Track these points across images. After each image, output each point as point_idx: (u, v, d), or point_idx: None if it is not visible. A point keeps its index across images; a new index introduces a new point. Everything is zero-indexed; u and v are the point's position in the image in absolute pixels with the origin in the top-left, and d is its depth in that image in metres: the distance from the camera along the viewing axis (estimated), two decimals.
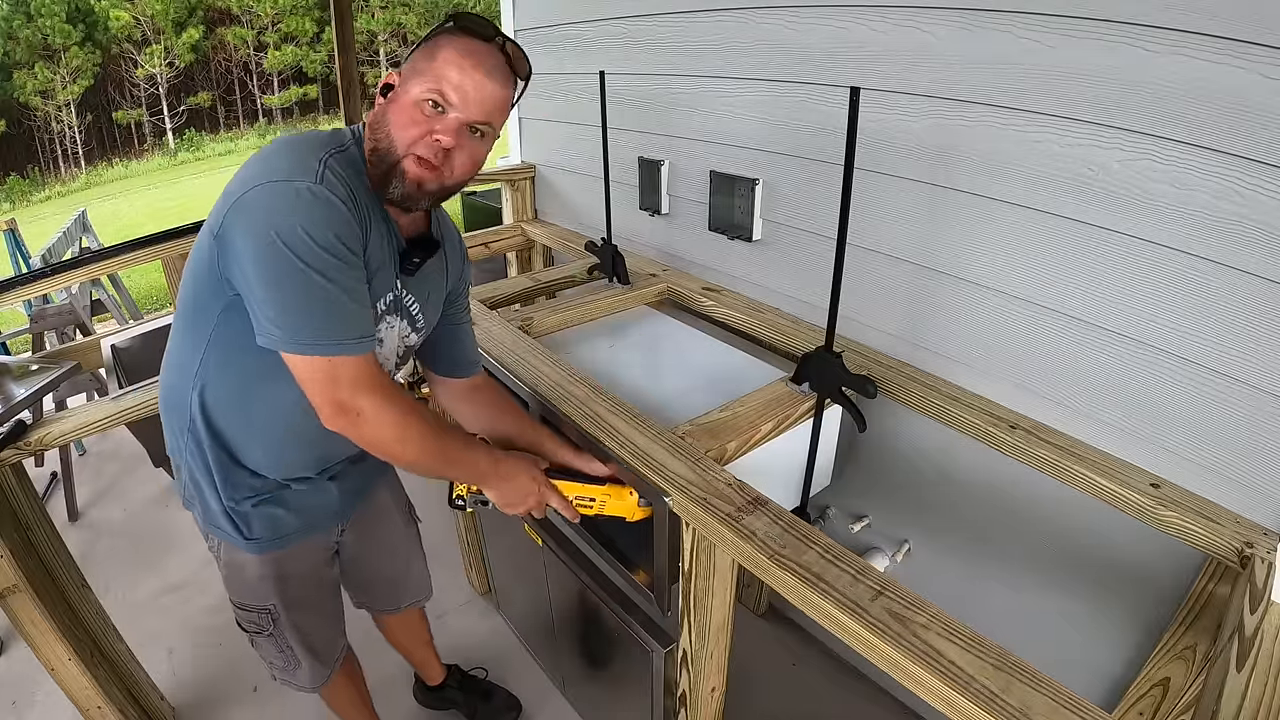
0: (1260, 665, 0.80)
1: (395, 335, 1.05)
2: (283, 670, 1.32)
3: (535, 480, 1.10)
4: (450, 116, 0.88)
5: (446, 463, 0.99)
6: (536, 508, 1.10)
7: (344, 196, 0.84)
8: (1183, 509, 1.04)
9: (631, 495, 1.14)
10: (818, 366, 1.28)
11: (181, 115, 25.71)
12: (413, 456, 0.93)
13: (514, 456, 1.09)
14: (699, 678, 1.22)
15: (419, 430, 0.92)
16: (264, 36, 26.11)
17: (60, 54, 22.57)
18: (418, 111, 0.88)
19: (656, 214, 1.98)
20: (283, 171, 0.82)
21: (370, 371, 0.88)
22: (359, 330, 0.86)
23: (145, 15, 23.76)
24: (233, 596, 1.22)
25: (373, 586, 1.48)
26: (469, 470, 1.04)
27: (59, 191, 19.91)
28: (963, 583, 1.45)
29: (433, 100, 0.87)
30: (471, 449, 1.04)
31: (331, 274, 0.82)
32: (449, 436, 0.99)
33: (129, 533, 2.58)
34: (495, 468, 1.05)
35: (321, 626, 1.32)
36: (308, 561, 1.22)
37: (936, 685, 0.76)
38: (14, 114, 22.39)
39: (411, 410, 0.91)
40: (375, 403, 0.88)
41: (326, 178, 0.83)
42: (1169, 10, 0.93)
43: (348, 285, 0.84)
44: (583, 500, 1.14)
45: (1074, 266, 1.14)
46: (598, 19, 1.98)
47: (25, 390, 1.42)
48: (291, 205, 0.80)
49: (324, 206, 0.82)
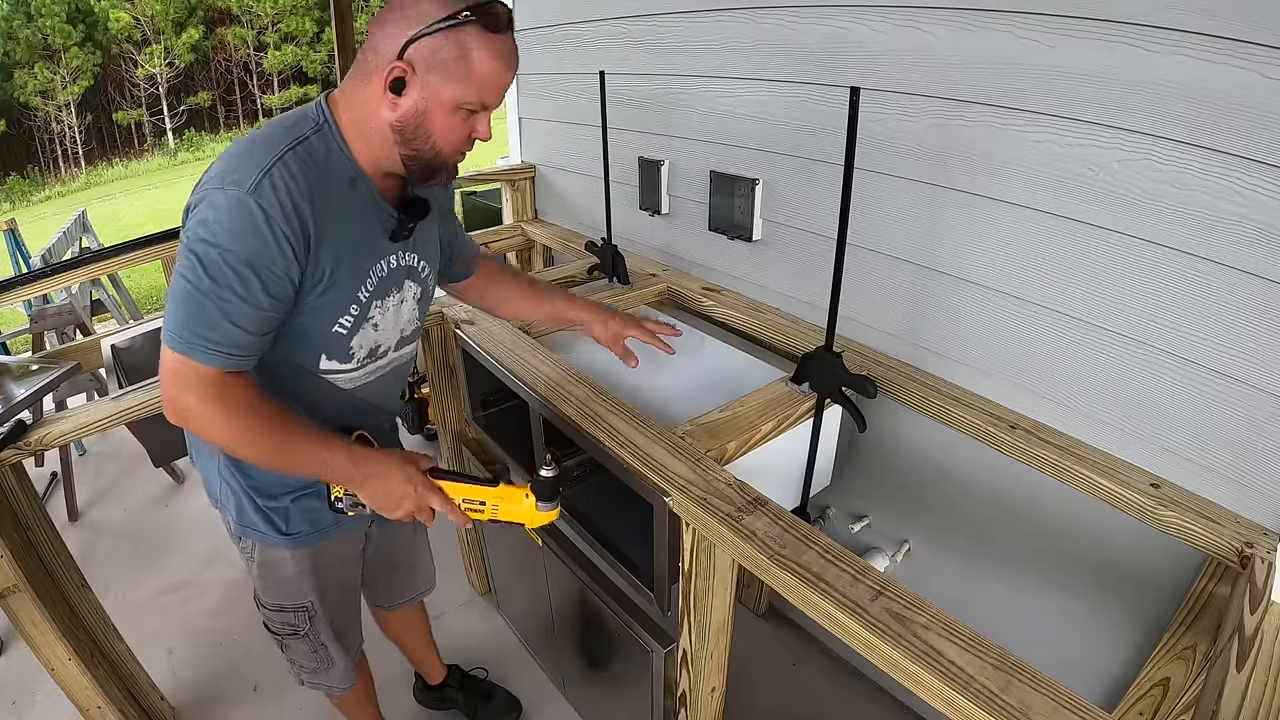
0: (1260, 665, 0.80)
1: (400, 308, 1.06)
2: (313, 673, 1.32)
3: (410, 481, 0.98)
4: (485, 114, 0.92)
5: (289, 461, 0.93)
6: (418, 511, 0.99)
7: (284, 203, 0.82)
8: (1183, 509, 1.04)
9: (528, 498, 1.02)
10: (818, 366, 1.28)
11: (181, 115, 25.73)
12: (250, 455, 0.92)
13: (383, 454, 0.99)
14: (699, 678, 1.22)
15: (249, 431, 0.89)
16: (264, 36, 26.12)
17: (60, 54, 22.58)
18: (458, 119, 0.89)
19: (656, 214, 1.98)
20: (230, 177, 0.82)
21: (207, 379, 0.86)
22: (217, 342, 0.84)
23: (145, 15, 23.78)
24: (268, 599, 1.21)
25: (387, 578, 1.48)
26: (318, 469, 0.96)
27: (59, 191, 19.91)
28: (963, 583, 1.45)
29: (472, 109, 0.90)
30: (325, 448, 0.94)
31: (218, 282, 0.82)
32: (293, 436, 0.92)
33: (129, 533, 2.58)
34: (355, 467, 0.96)
35: (349, 621, 1.34)
36: (341, 554, 1.23)
37: (936, 685, 0.76)
38: (14, 114, 22.41)
39: (247, 412, 0.88)
40: (203, 404, 0.86)
41: (265, 185, 0.82)
42: (1169, 10, 0.93)
43: (225, 299, 0.83)
44: (472, 504, 1.02)
45: (1074, 266, 1.13)
46: (598, 19, 1.98)
47: (25, 390, 1.42)
48: (218, 213, 0.81)
49: (245, 219, 0.81)
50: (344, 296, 0.95)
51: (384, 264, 1.00)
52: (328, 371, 1.01)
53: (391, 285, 1.03)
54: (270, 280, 0.84)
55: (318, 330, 0.96)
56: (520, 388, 1.38)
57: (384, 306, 1.02)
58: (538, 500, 1.02)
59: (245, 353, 0.88)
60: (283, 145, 0.85)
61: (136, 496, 2.79)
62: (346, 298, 0.96)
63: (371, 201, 0.95)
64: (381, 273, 1.00)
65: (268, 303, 0.86)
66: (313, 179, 0.86)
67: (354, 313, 0.98)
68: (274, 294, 0.86)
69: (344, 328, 0.98)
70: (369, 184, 0.94)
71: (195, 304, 0.83)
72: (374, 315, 1.01)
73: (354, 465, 0.96)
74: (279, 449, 0.91)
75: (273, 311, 0.88)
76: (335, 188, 0.90)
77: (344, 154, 0.91)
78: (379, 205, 0.97)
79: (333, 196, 0.89)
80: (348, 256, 0.93)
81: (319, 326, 0.96)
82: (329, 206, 0.88)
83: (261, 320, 0.87)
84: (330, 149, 0.90)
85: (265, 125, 0.90)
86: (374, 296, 1.00)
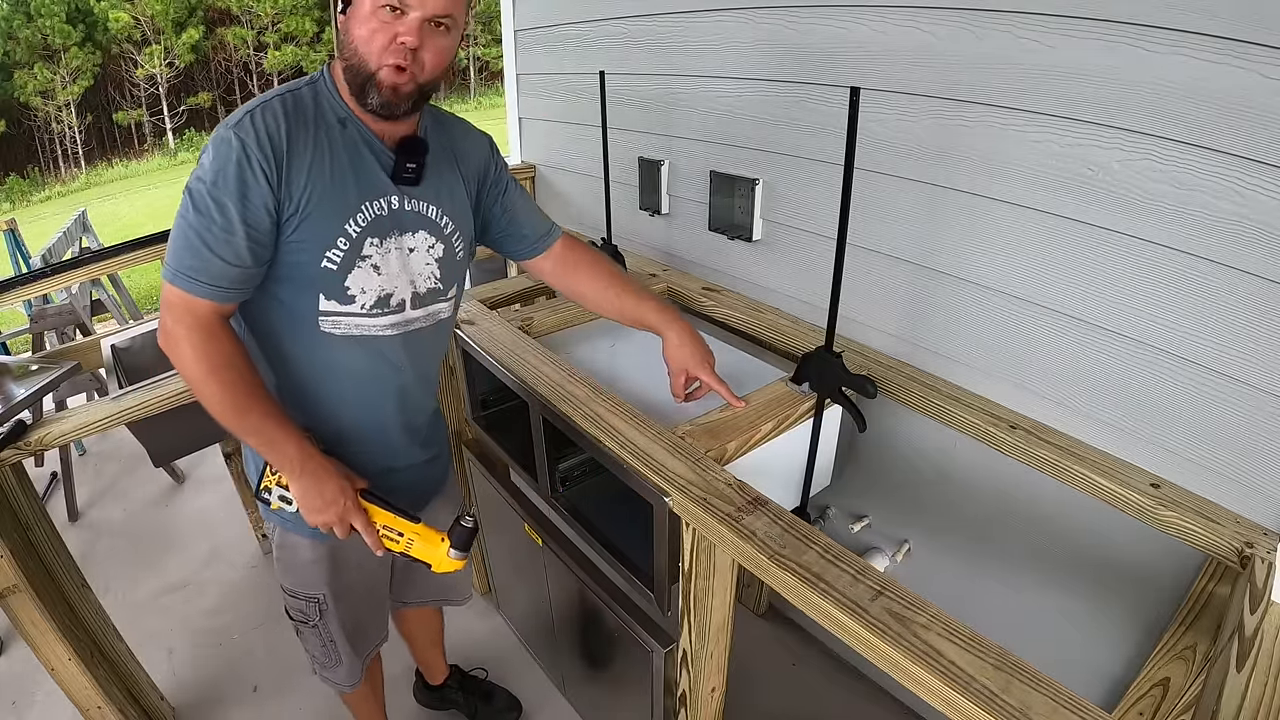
0: (1260, 665, 0.80)
1: (408, 256, 1.04)
2: (323, 665, 1.34)
3: (342, 493, 1.00)
4: (411, 16, 0.88)
5: (243, 426, 0.96)
6: (338, 523, 1.02)
7: (259, 134, 0.88)
8: (1183, 509, 1.04)
9: (444, 543, 1.05)
10: (818, 366, 1.28)
11: (181, 115, 25.70)
12: (212, 403, 0.94)
13: (332, 464, 1.02)
14: (699, 678, 1.22)
15: (216, 379, 0.93)
16: (264, 36, 26.10)
17: (60, 54, 22.57)
18: (376, 20, 0.89)
19: (656, 214, 1.98)
20: (225, 122, 0.90)
21: (195, 309, 0.92)
22: (203, 273, 0.90)
23: (145, 15, 23.76)
24: (284, 582, 1.23)
25: (422, 580, 1.47)
26: (268, 448, 0.98)
27: (59, 191, 19.91)
28: (963, 583, 1.45)
29: (389, 4, 0.88)
30: (281, 430, 0.97)
31: (201, 213, 0.88)
32: (257, 404, 0.95)
33: (129, 533, 2.58)
34: (302, 462, 0.99)
35: (366, 623, 1.34)
36: (360, 558, 1.23)
37: (936, 685, 0.76)
38: (14, 114, 22.40)
39: (223, 364, 0.93)
40: (191, 337, 0.92)
41: (245, 121, 0.89)
42: (1169, 10, 0.93)
43: (207, 229, 0.89)
44: (389, 533, 1.05)
45: (1074, 266, 1.13)
46: (598, 19, 1.98)
47: (25, 390, 1.43)
48: (206, 153, 0.90)
49: (224, 151, 0.88)
50: (328, 228, 0.95)
51: (383, 202, 1.00)
52: (330, 313, 1.00)
53: (393, 227, 1.01)
54: (247, 207, 0.89)
55: (309, 265, 0.96)
56: (520, 388, 1.38)
57: (384, 248, 1.01)
58: (451, 546, 1.06)
59: (226, 284, 0.92)
60: (274, 95, 0.94)
61: (136, 496, 2.79)
62: (331, 229, 0.96)
63: (363, 140, 0.99)
64: (380, 210, 1.00)
65: (244, 231, 0.90)
66: (294, 118, 0.93)
67: (342, 246, 0.97)
68: (251, 223, 0.90)
69: (333, 262, 0.97)
70: (359, 124, 0.98)
71: (182, 236, 0.90)
72: (370, 254, 0.99)
73: (299, 458, 0.99)
74: (238, 408, 0.95)
75: (250, 240, 0.91)
76: (322, 127, 0.95)
77: (334, 99, 0.97)
78: (372, 144, 0.99)
79: (318, 134, 0.95)
80: (330, 188, 0.95)
81: (309, 259, 0.96)
82: (309, 140, 0.93)
83: (240, 250, 0.90)
84: (320, 96, 0.97)
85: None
86: (368, 234, 0.99)
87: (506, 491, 1.66)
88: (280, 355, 1.04)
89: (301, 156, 0.92)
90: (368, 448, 1.13)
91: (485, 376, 1.55)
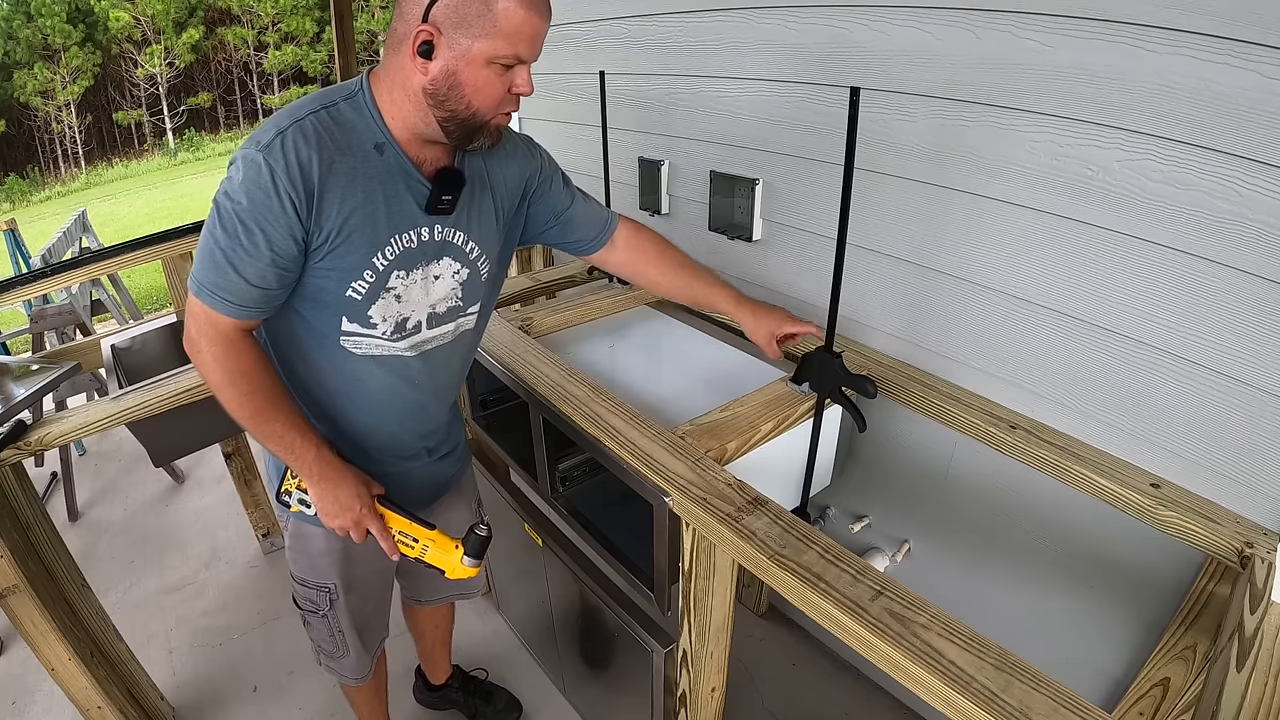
0: (1260, 665, 0.80)
1: (432, 284, 1.03)
2: (329, 656, 1.34)
3: (359, 499, 1.02)
4: (525, 67, 0.90)
5: (262, 432, 0.98)
6: (354, 527, 1.03)
7: (290, 162, 0.85)
8: (1183, 509, 1.04)
9: (458, 550, 1.06)
10: (818, 366, 1.28)
11: (181, 115, 25.72)
12: (232, 408, 0.96)
13: (350, 470, 1.03)
14: (699, 678, 1.22)
15: (237, 387, 0.95)
16: (264, 36, 26.11)
17: (60, 54, 22.57)
18: (492, 75, 0.88)
19: (656, 214, 1.98)
20: (255, 138, 0.88)
21: (218, 323, 0.92)
22: (227, 292, 0.90)
23: (145, 15, 23.77)
24: (295, 571, 1.24)
25: (435, 575, 1.47)
26: (287, 453, 1.00)
27: (59, 191, 19.91)
28: (963, 583, 1.45)
29: (507, 63, 0.88)
30: (300, 436, 0.99)
31: (228, 233, 0.87)
32: (277, 411, 0.98)
33: (129, 533, 2.58)
34: (320, 467, 1.01)
35: (372, 616, 1.34)
36: (369, 553, 1.22)
37: (936, 685, 0.76)
38: (14, 114, 22.40)
39: (242, 374, 0.95)
40: (213, 349, 0.93)
41: (276, 145, 0.85)
42: (1169, 10, 0.93)
43: (233, 250, 0.88)
44: (405, 539, 1.07)
45: (1074, 266, 1.13)
46: (598, 19, 1.98)
47: (25, 390, 1.43)
48: (237, 170, 0.87)
49: (254, 175, 0.85)
50: (356, 261, 0.94)
51: (413, 234, 0.98)
52: (352, 334, 1.00)
53: (420, 259, 1.00)
54: (273, 235, 0.87)
55: (333, 292, 0.96)
56: (520, 388, 1.38)
57: (409, 279, 0.99)
58: (465, 554, 1.06)
59: (248, 304, 0.91)
60: (307, 110, 0.89)
61: (136, 496, 2.79)
62: (359, 262, 0.95)
63: (399, 169, 0.95)
64: (409, 243, 0.98)
65: (270, 257, 0.88)
66: (328, 141, 0.88)
67: (368, 278, 0.96)
68: (277, 250, 0.89)
69: (357, 293, 0.96)
70: (398, 151, 0.94)
71: (209, 251, 0.89)
72: (395, 286, 0.98)
73: (317, 463, 1.00)
74: (257, 415, 0.97)
75: (275, 266, 0.90)
76: (357, 152, 0.91)
77: (374, 121, 0.93)
78: (409, 174, 0.96)
79: (352, 160, 0.91)
80: (361, 221, 0.92)
81: (334, 288, 0.96)
82: (344, 169, 0.90)
83: (265, 274, 0.90)
84: (360, 116, 0.92)
85: (307, 94, 0.95)
86: (395, 266, 0.97)
87: (506, 491, 1.66)
88: (300, 364, 1.04)
89: (333, 189, 0.89)
90: (382, 454, 1.14)
91: (485, 376, 1.55)
